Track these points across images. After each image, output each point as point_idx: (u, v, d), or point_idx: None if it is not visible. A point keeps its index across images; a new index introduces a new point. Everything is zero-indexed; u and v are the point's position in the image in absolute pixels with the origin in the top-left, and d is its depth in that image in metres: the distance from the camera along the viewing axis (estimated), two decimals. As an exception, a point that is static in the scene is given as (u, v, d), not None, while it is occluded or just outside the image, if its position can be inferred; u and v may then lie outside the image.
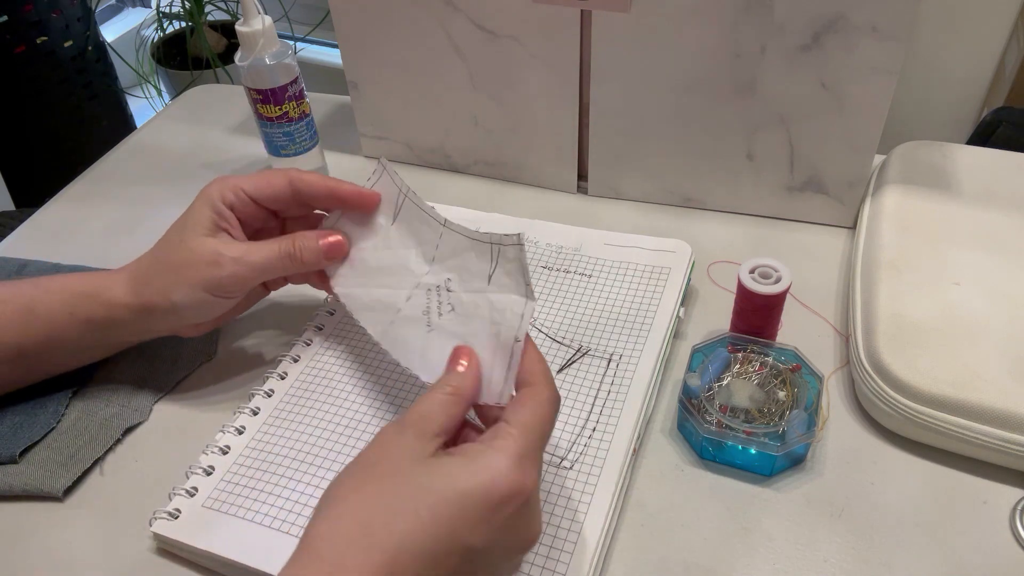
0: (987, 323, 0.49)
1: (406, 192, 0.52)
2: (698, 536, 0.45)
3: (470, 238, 0.48)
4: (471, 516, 0.34)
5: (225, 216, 0.50)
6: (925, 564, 0.43)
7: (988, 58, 1.39)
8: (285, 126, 0.68)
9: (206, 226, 0.49)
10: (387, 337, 0.49)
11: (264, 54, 0.64)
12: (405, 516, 0.33)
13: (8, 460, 0.49)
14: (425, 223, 0.51)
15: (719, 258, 0.62)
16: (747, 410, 0.47)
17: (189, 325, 0.51)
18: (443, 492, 0.34)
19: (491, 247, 0.47)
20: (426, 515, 0.33)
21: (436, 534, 0.33)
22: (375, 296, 0.51)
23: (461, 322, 0.46)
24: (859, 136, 0.59)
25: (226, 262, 0.48)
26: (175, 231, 0.50)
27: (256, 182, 0.51)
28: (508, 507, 0.35)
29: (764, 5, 0.55)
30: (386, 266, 0.52)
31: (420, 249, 0.51)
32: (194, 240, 0.48)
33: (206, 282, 0.48)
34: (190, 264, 0.48)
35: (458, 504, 0.34)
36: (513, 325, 0.43)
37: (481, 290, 0.47)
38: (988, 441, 0.45)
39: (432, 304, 0.48)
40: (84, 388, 0.54)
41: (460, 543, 0.34)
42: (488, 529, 0.34)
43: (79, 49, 1.62)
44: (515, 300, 0.44)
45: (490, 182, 0.73)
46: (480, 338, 0.44)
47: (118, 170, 0.78)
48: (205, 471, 0.47)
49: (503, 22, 0.63)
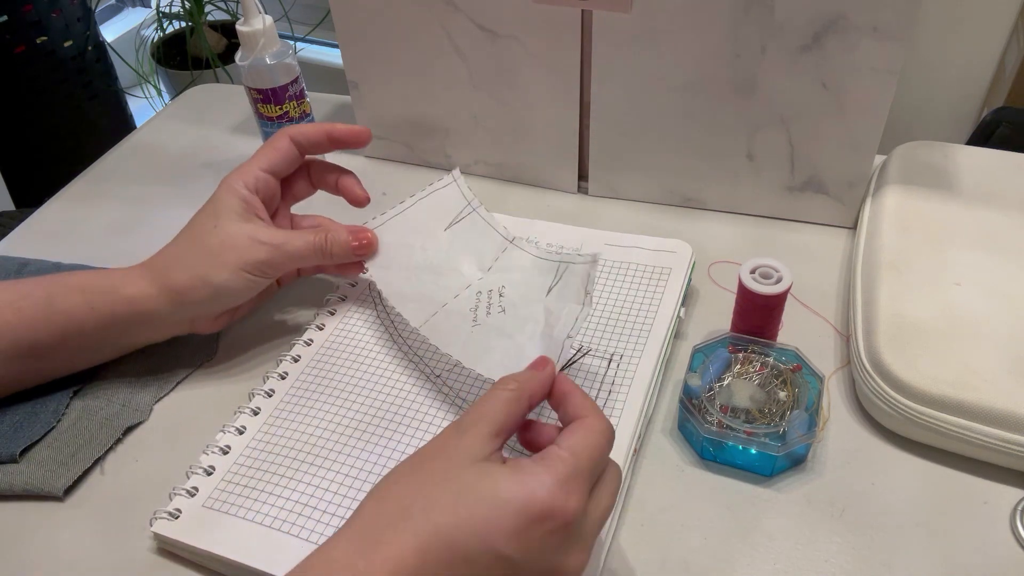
0: (987, 323, 0.49)
1: (475, 206, 0.55)
2: (698, 536, 0.45)
3: (537, 257, 0.51)
4: (506, 524, 0.34)
5: (251, 201, 0.53)
6: (925, 564, 0.43)
7: (988, 58, 1.39)
8: (285, 126, 0.68)
9: (238, 212, 0.51)
10: (428, 325, 0.51)
11: (265, 54, 0.64)
12: (443, 508, 0.34)
13: (8, 459, 0.49)
14: (487, 236, 0.54)
15: (720, 258, 0.62)
16: (748, 410, 0.47)
17: (210, 317, 0.53)
18: (483, 495, 0.35)
19: (558, 265, 0.50)
20: (463, 512, 0.34)
21: (470, 532, 0.34)
22: (418, 289, 0.53)
23: (510, 322, 0.48)
24: (859, 136, 0.59)
25: (265, 249, 0.51)
26: (207, 219, 0.52)
27: (267, 157, 0.54)
28: (546, 524, 0.34)
29: (764, 5, 0.55)
30: (433, 265, 0.54)
31: (475, 257, 0.53)
32: (231, 226, 0.51)
33: (248, 264, 0.50)
34: (230, 248, 0.50)
35: (496, 509, 0.34)
36: (567, 324, 0.44)
37: (537, 300, 0.49)
38: (988, 441, 0.45)
39: (481, 304, 0.50)
40: (85, 388, 0.54)
41: (493, 548, 0.34)
42: (522, 543, 0.34)
43: (79, 49, 1.62)
44: (571, 307, 0.46)
45: (490, 182, 0.73)
46: (530, 337, 0.44)
47: (118, 170, 0.78)
48: (206, 471, 0.47)
49: (504, 22, 0.63)
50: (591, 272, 0.48)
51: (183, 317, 0.52)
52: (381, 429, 0.49)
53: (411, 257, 0.55)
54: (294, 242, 0.52)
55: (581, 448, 0.37)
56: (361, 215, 0.58)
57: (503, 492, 0.35)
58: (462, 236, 0.55)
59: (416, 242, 0.56)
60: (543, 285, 0.50)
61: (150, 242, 0.54)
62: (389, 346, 0.55)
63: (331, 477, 0.46)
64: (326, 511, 0.45)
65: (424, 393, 0.51)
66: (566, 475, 0.35)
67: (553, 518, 0.34)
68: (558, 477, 0.35)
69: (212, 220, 0.51)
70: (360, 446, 0.48)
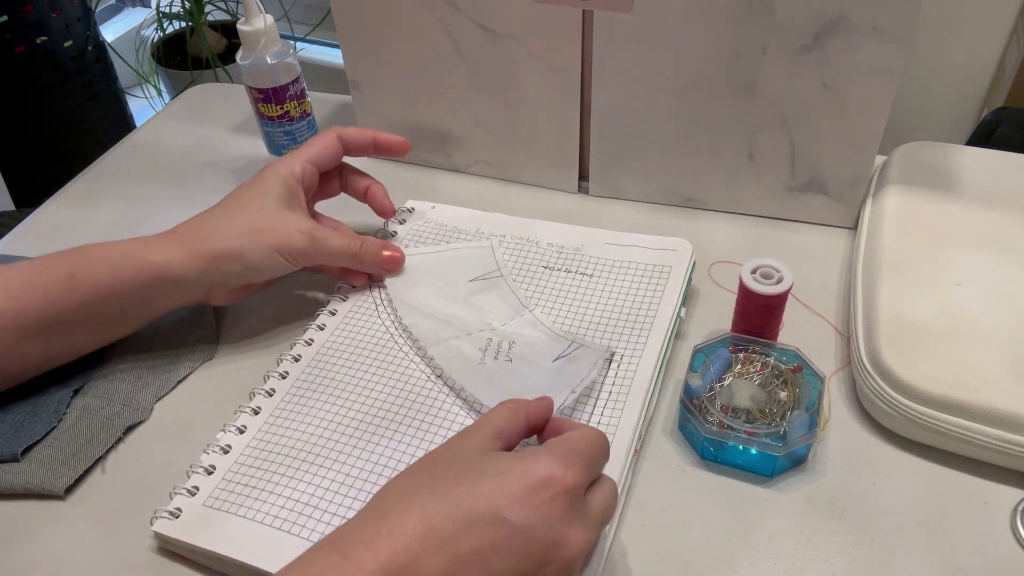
0: (988, 323, 0.49)
1: (504, 272, 0.58)
2: (699, 536, 0.45)
3: (550, 331, 0.54)
4: (509, 490, 0.36)
5: (295, 191, 0.55)
6: (925, 564, 0.43)
7: (988, 58, 1.39)
8: (286, 125, 0.68)
9: (283, 199, 0.54)
10: (439, 347, 0.53)
11: (265, 53, 0.64)
12: (448, 482, 0.37)
13: (10, 458, 0.49)
14: (508, 300, 0.56)
15: (720, 258, 0.62)
16: (748, 410, 0.47)
17: (227, 289, 0.55)
18: (487, 471, 0.37)
19: (571, 342, 0.53)
20: (467, 483, 0.36)
21: (474, 499, 0.36)
22: (430, 311, 0.55)
23: (515, 369, 0.51)
24: (860, 136, 0.59)
25: (304, 239, 0.53)
26: (252, 198, 0.54)
27: (317, 152, 0.57)
28: (547, 490, 0.36)
29: (765, 5, 0.55)
30: (448, 298, 0.56)
31: (491, 313, 0.55)
32: (276, 210, 0.53)
33: (284, 249, 0.53)
34: (272, 230, 0.53)
35: (498, 478, 0.37)
36: (574, 380, 0.49)
37: (544, 363, 0.51)
38: (988, 442, 0.45)
39: (491, 348, 0.53)
40: (85, 387, 0.54)
41: (497, 514, 0.35)
42: (525, 508, 0.36)
43: (79, 49, 1.62)
44: (580, 373, 0.50)
45: (490, 182, 0.73)
46: (533, 390, 0.47)
47: (118, 169, 0.78)
48: (206, 470, 0.47)
49: (504, 22, 0.63)
50: (600, 361, 0.51)
51: (204, 284, 0.53)
52: (382, 429, 0.49)
53: (429, 286, 0.58)
54: (331, 240, 0.55)
55: (577, 437, 0.40)
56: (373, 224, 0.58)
57: (505, 466, 0.37)
58: (484, 292, 0.57)
59: (438, 280, 0.58)
60: (552, 353, 0.52)
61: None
62: (390, 346, 0.55)
63: (332, 476, 0.46)
64: (327, 510, 0.45)
65: (424, 393, 0.51)
66: (563, 451, 0.38)
67: (553, 484, 0.36)
68: (555, 452, 0.38)
69: (258, 201, 0.54)
70: (361, 445, 0.48)
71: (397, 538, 0.35)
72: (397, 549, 0.34)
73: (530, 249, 0.61)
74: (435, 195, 0.68)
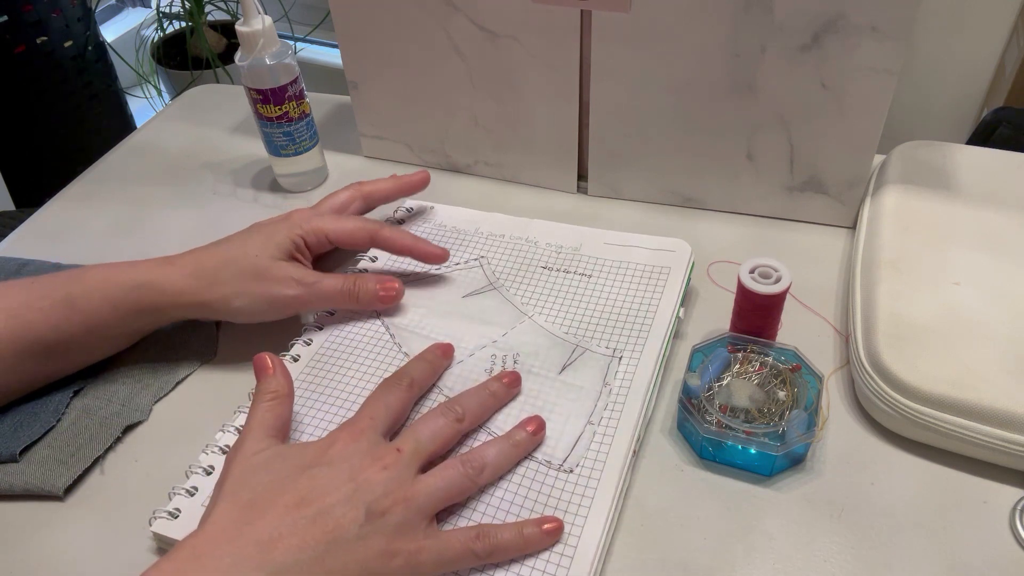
0: (987, 323, 0.49)
1: (497, 286, 0.58)
2: (698, 536, 0.45)
3: (553, 335, 0.54)
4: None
5: (302, 250, 0.56)
6: (925, 564, 0.43)
7: (988, 58, 1.39)
8: (285, 126, 0.68)
9: (285, 250, 0.54)
10: (447, 378, 0.52)
11: (264, 54, 0.64)
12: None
13: (8, 459, 0.49)
14: (505, 309, 0.56)
15: (719, 258, 0.62)
16: (747, 410, 0.47)
17: None
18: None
19: (575, 348, 0.53)
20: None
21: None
22: (428, 332, 0.55)
23: (524, 389, 0.51)
24: (859, 136, 0.59)
25: (297, 286, 0.53)
26: (255, 245, 0.54)
27: (340, 232, 0.57)
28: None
29: (764, 5, 0.55)
30: (447, 325, 0.56)
31: (491, 326, 0.55)
32: (272, 262, 0.53)
33: (272, 298, 0.53)
34: (263, 279, 0.53)
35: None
36: (592, 392, 0.50)
37: (550, 376, 0.51)
38: (988, 441, 0.45)
39: (496, 366, 0.52)
40: (85, 387, 0.54)
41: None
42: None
43: (79, 49, 1.62)
44: (590, 389, 0.50)
45: (490, 182, 0.73)
46: (545, 396, 0.48)
47: (118, 170, 0.78)
48: (205, 471, 0.47)
49: (503, 22, 0.63)
50: (611, 365, 0.51)
51: (201, 316, 0.55)
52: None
53: (424, 308, 0.57)
54: (325, 283, 0.54)
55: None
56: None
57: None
58: (480, 304, 0.57)
59: (430, 301, 0.58)
60: (557, 363, 0.52)
61: (150, 242, 0.54)
62: (390, 346, 0.55)
63: (331, 477, 0.46)
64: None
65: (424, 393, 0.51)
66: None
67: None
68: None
69: (260, 249, 0.54)
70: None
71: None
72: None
73: (528, 249, 0.61)
74: (434, 195, 0.68)
